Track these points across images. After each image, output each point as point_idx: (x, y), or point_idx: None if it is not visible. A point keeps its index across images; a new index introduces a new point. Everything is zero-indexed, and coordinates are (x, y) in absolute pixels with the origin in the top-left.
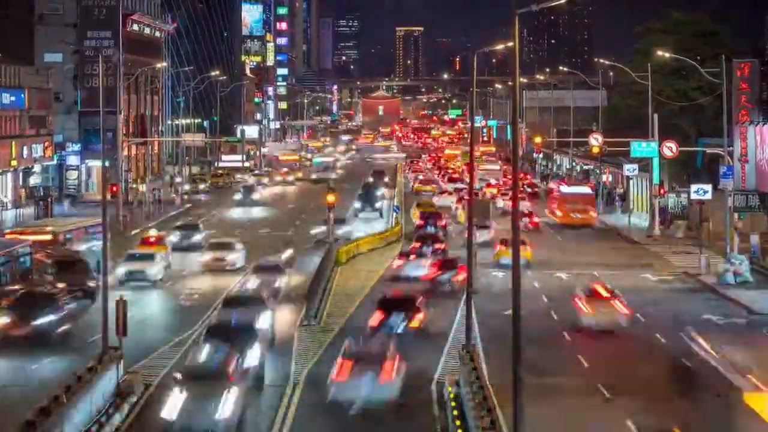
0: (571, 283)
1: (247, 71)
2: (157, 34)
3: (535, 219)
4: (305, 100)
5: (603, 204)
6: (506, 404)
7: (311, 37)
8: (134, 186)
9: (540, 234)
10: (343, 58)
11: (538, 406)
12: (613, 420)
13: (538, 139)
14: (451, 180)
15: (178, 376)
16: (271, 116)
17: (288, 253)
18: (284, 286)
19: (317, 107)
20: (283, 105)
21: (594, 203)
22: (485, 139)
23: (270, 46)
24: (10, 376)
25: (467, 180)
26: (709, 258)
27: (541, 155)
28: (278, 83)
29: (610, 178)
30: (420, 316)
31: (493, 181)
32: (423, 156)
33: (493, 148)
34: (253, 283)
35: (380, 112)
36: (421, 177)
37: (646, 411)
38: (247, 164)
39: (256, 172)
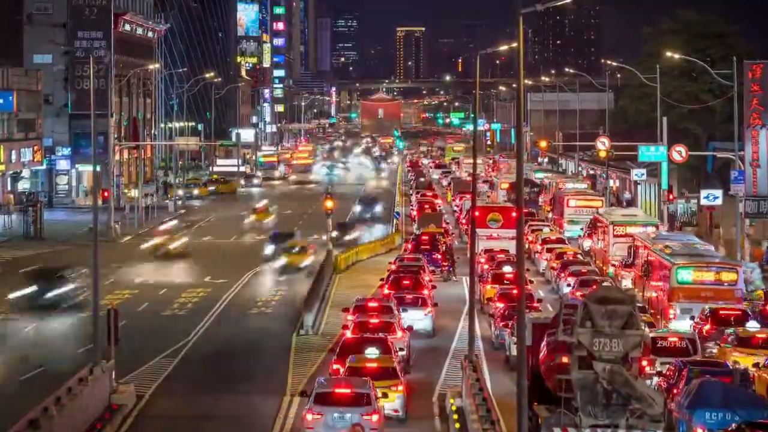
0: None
1: (243, 73)
2: (150, 34)
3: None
4: (303, 103)
5: None
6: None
7: (309, 38)
8: (126, 191)
9: None
10: (342, 59)
11: None
12: None
13: (543, 143)
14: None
15: None
16: (268, 119)
17: None
18: None
19: (315, 110)
20: (280, 108)
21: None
22: (489, 142)
23: (266, 47)
24: None
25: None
26: None
27: (546, 159)
28: (275, 85)
29: (618, 183)
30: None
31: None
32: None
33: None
34: None
35: (380, 115)
36: None
37: None
38: (243, 168)
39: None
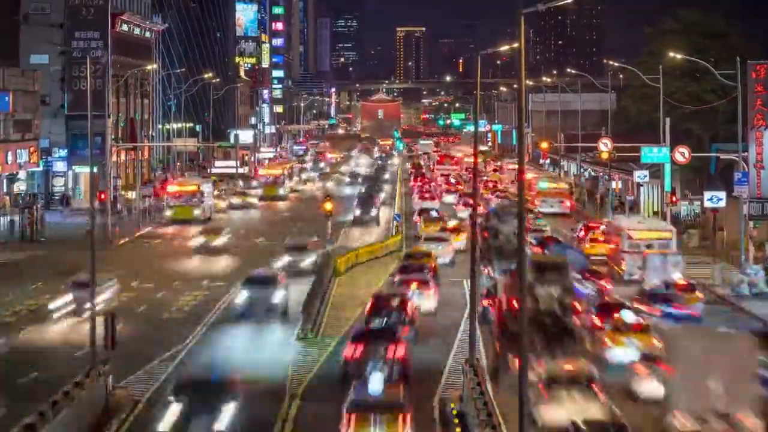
0: None
1: (242, 73)
2: (148, 34)
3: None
4: (302, 104)
5: (611, 212)
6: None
7: (308, 38)
8: (123, 193)
9: None
10: (342, 59)
11: None
12: None
13: (544, 144)
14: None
15: None
16: (266, 120)
17: None
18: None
19: (314, 111)
20: (278, 108)
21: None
22: (489, 144)
23: (265, 47)
24: None
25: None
26: (723, 268)
27: (548, 161)
28: (274, 86)
29: (620, 185)
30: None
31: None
32: None
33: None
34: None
35: (380, 116)
36: None
37: None
38: (241, 170)
39: None
